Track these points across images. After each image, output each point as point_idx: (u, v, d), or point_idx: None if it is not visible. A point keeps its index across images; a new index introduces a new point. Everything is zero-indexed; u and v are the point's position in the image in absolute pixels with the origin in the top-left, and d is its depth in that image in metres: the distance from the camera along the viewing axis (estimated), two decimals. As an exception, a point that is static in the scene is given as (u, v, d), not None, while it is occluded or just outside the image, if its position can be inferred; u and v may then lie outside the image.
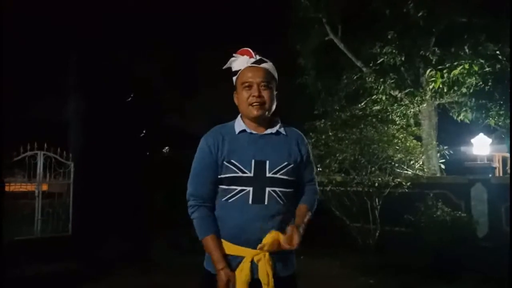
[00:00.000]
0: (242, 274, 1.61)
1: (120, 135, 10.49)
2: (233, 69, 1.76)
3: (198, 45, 13.54)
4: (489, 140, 7.66)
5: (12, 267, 4.92)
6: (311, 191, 1.87)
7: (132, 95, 13.25)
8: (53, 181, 7.63)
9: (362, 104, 9.17)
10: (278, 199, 1.67)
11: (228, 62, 1.77)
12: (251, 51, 1.74)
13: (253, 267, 1.62)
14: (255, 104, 1.68)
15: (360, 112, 8.97)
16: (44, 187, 7.51)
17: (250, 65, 1.71)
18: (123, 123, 11.05)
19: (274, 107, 1.74)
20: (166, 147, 15.53)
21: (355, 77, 9.28)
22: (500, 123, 8.45)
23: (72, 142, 9.46)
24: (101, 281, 4.88)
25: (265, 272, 1.59)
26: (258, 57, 1.73)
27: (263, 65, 1.72)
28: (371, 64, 8.92)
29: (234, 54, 1.77)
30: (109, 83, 10.78)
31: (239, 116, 1.78)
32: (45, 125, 11.09)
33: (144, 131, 14.13)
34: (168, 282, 4.84)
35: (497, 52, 7.59)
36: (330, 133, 6.95)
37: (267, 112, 1.71)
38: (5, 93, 6.43)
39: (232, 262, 1.64)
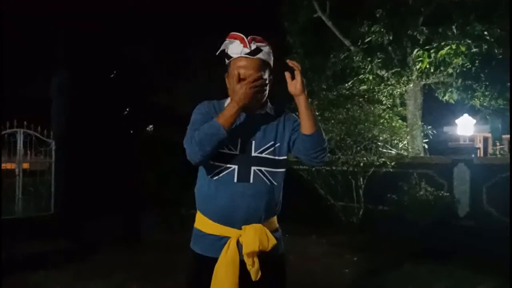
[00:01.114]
0: (228, 255, 1.59)
1: (103, 112, 10.28)
2: (227, 52, 1.66)
3: (187, 23, 13.24)
4: (474, 121, 7.75)
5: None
6: None
7: (115, 72, 12.94)
8: (34, 159, 7.47)
9: (349, 83, 9.14)
10: (264, 178, 1.64)
11: (223, 45, 1.67)
12: (245, 39, 1.62)
13: (239, 247, 1.60)
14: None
15: (347, 92, 8.96)
16: (25, 166, 7.35)
17: (243, 55, 1.61)
18: (107, 101, 10.83)
19: (267, 93, 1.68)
20: (150, 126, 15.34)
21: (342, 56, 9.21)
22: (485, 104, 8.53)
23: (53, 120, 9.24)
24: (84, 260, 4.84)
25: (249, 252, 1.57)
26: (253, 47, 1.61)
27: (259, 55, 1.62)
28: (358, 43, 8.86)
29: (228, 38, 1.65)
30: (93, 59, 10.50)
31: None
32: (26, 103, 10.82)
33: (127, 109, 13.89)
34: (155, 259, 4.84)
35: (485, 32, 7.58)
36: (317, 113, 6.93)
37: (259, 103, 1.67)
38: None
39: (217, 243, 1.62)
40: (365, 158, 6.65)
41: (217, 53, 1.70)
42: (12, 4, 9.65)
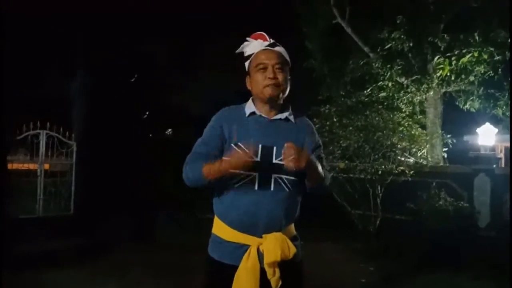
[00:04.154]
0: (248, 262, 1.58)
1: (123, 116, 10.45)
2: (246, 54, 1.74)
3: (202, 26, 13.37)
4: (495, 130, 7.57)
5: (14, 246, 4.95)
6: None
7: (135, 76, 13.16)
8: (56, 160, 7.64)
9: (368, 90, 9.07)
10: (285, 186, 1.64)
11: (241, 46, 1.75)
12: (265, 34, 1.72)
13: (260, 255, 1.59)
14: (270, 85, 1.65)
15: (366, 99, 8.88)
16: (46, 166, 7.51)
17: (264, 48, 1.69)
18: (126, 104, 11.01)
19: (287, 91, 1.71)
20: (169, 129, 15.52)
21: (361, 62, 9.15)
22: (508, 113, 8.35)
23: (75, 122, 9.43)
24: (102, 259, 4.91)
25: (270, 262, 1.56)
26: (272, 41, 1.71)
27: (277, 48, 1.70)
28: (378, 50, 8.79)
29: (247, 38, 1.74)
30: (112, 63, 10.69)
31: (250, 99, 1.75)
32: (48, 104, 11.06)
33: (147, 112, 14.10)
34: (169, 261, 4.87)
35: (509, 40, 7.43)
36: (335, 119, 6.88)
37: (281, 94, 1.68)
38: (7, 71, 6.37)
39: (237, 251, 1.61)
40: (383, 166, 6.57)
41: (236, 52, 1.77)
42: (34, 8, 9.91)
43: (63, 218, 7.14)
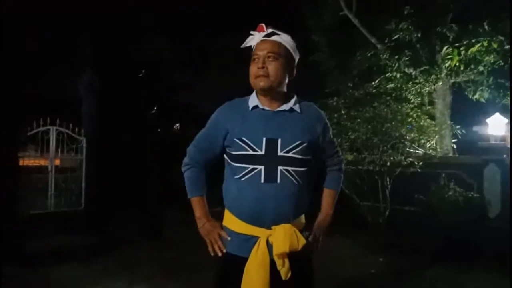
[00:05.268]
0: (258, 254, 1.59)
1: (131, 111, 10.50)
2: (252, 47, 1.75)
3: (210, 21, 13.34)
4: (506, 120, 7.48)
5: (26, 241, 5.03)
6: (335, 169, 1.90)
7: (143, 71, 13.20)
8: (66, 156, 7.73)
9: (376, 82, 9.00)
10: (292, 178, 1.63)
11: (246, 41, 1.75)
12: (263, 25, 1.71)
13: (269, 247, 1.60)
14: (260, 76, 1.64)
15: (374, 90, 8.82)
16: (57, 162, 7.61)
17: (261, 39, 1.69)
18: (135, 99, 11.05)
19: (283, 80, 1.69)
20: (177, 124, 15.58)
21: (369, 54, 9.08)
22: (518, 103, 8.24)
23: (84, 117, 9.50)
24: (113, 255, 4.97)
25: (279, 253, 1.58)
26: (269, 31, 1.70)
27: (274, 37, 1.68)
28: (386, 41, 8.71)
29: (251, 32, 1.74)
30: (121, 58, 10.73)
31: (254, 91, 1.74)
32: (58, 101, 11.17)
33: (155, 108, 14.15)
34: (179, 256, 4.91)
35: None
36: (343, 112, 6.86)
37: (272, 85, 1.65)
38: (17, 68, 6.43)
39: (246, 243, 1.63)
40: (392, 158, 6.55)
41: (241, 46, 1.77)
42: (43, 5, 9.94)
43: (74, 213, 7.24)
